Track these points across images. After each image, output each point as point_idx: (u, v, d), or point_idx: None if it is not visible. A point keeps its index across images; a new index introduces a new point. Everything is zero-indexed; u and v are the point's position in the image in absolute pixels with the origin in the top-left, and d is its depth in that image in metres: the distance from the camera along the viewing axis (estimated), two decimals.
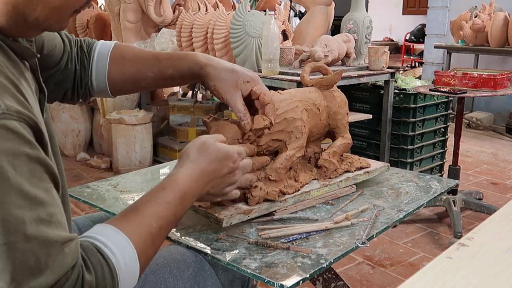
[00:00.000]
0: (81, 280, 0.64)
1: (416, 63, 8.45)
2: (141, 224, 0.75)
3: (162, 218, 0.77)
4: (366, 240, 0.92)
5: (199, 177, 0.84)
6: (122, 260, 0.69)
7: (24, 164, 0.60)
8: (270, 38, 2.19)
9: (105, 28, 3.79)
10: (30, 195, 0.60)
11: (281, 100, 1.05)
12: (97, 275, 0.66)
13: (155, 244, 0.77)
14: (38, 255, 0.59)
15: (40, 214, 0.61)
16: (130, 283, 0.72)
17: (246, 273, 0.82)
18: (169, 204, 0.79)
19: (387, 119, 2.62)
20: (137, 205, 0.78)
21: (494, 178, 3.50)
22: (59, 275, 0.61)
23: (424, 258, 2.30)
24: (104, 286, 0.66)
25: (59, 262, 0.61)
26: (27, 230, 0.59)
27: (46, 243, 0.61)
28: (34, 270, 0.59)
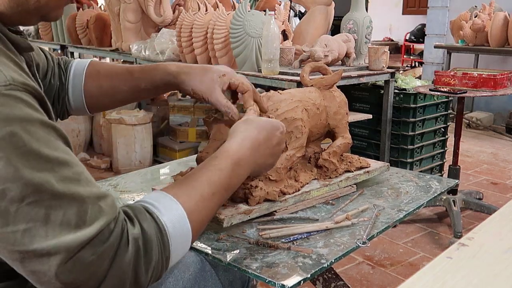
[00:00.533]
0: (127, 234, 0.64)
1: (416, 63, 8.45)
2: (192, 189, 0.76)
3: (214, 183, 0.78)
4: (366, 240, 0.92)
5: (250, 145, 0.85)
6: (169, 218, 0.70)
7: (38, 129, 0.60)
8: (270, 38, 2.19)
9: (105, 28, 3.78)
10: (51, 157, 0.60)
11: (281, 100, 1.05)
12: (144, 231, 0.66)
13: (208, 208, 0.77)
14: (70, 211, 0.60)
15: (66, 173, 0.61)
16: (181, 243, 0.72)
17: (247, 273, 0.82)
18: (222, 171, 0.79)
19: (387, 119, 2.62)
20: (189, 173, 0.79)
21: (494, 178, 3.50)
22: (98, 228, 0.61)
23: (424, 258, 2.30)
24: (152, 240, 0.66)
25: (96, 216, 0.62)
26: (54, 188, 0.59)
27: (78, 199, 0.61)
28: (68, 224, 0.59)
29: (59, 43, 4.54)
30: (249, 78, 2.41)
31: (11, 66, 0.63)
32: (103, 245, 0.61)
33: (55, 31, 4.52)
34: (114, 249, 0.62)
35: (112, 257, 0.62)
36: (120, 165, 3.41)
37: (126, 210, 0.68)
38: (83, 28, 3.95)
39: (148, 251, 0.66)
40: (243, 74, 2.42)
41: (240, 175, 0.83)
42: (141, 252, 0.65)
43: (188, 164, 1.43)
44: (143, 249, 0.65)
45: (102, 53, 3.96)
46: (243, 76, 1.01)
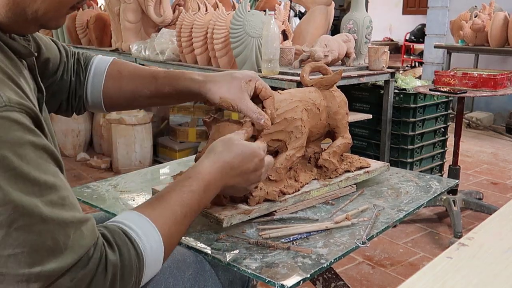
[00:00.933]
0: (105, 259, 0.65)
1: (416, 63, 8.45)
2: (166, 211, 0.76)
3: (186, 205, 0.78)
4: (366, 240, 0.92)
5: (223, 169, 0.85)
6: (148, 243, 0.71)
7: (30, 152, 0.60)
8: (270, 38, 2.19)
9: (105, 28, 3.78)
10: (40, 181, 0.60)
11: (281, 100, 1.05)
12: (123, 256, 0.67)
13: (180, 231, 0.78)
14: (55, 236, 0.60)
15: (52, 198, 0.61)
16: (154, 267, 0.73)
17: (246, 273, 0.82)
18: (193, 192, 0.80)
19: (387, 119, 2.62)
20: (162, 193, 0.79)
21: (494, 178, 3.50)
22: (79, 254, 0.62)
23: (424, 258, 2.30)
24: (130, 266, 0.67)
25: (78, 242, 0.62)
26: (41, 213, 0.59)
27: (62, 224, 0.61)
28: (53, 251, 0.60)
29: None
30: None
31: (8, 84, 0.63)
32: (81, 271, 0.62)
33: (55, 31, 4.51)
34: (91, 275, 0.63)
35: (88, 282, 0.63)
36: (120, 165, 3.41)
37: (105, 233, 0.68)
38: (83, 28, 3.95)
39: (125, 277, 0.67)
40: None
41: (209, 197, 0.84)
42: (118, 279, 0.66)
43: (188, 164, 1.43)
44: (120, 275, 0.66)
45: (102, 53, 3.95)
46: (265, 83, 1.00)
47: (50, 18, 0.71)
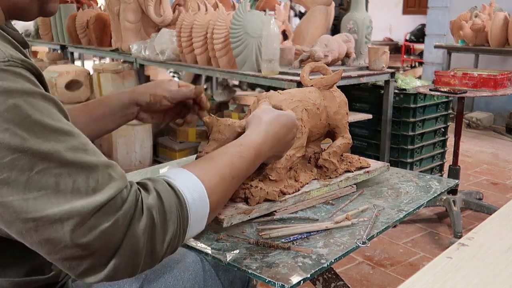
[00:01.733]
0: (141, 203, 0.64)
1: (416, 63, 8.44)
2: (214, 169, 0.76)
3: (236, 168, 0.79)
4: (366, 240, 0.92)
5: (273, 140, 0.89)
6: (191, 195, 0.70)
7: (40, 101, 0.60)
8: (270, 38, 2.19)
9: (105, 28, 3.78)
10: (56, 128, 0.60)
11: (281, 100, 1.05)
12: (162, 201, 0.66)
13: (226, 191, 0.78)
14: (80, 178, 0.60)
15: (73, 143, 0.61)
16: (200, 221, 0.72)
17: (247, 273, 0.82)
18: (244, 158, 0.81)
19: (387, 119, 2.62)
20: (212, 155, 0.80)
21: (494, 178, 3.50)
22: (110, 194, 0.61)
23: (424, 258, 2.30)
24: (171, 212, 0.66)
25: (107, 183, 0.62)
26: (62, 157, 0.59)
27: (88, 168, 0.61)
28: (79, 192, 0.59)
29: (59, 43, 4.54)
30: (249, 78, 2.42)
31: (12, 43, 0.64)
32: (116, 212, 0.61)
33: (55, 31, 4.52)
34: (128, 217, 0.62)
35: (127, 225, 0.61)
36: (120, 165, 3.36)
37: (145, 182, 0.68)
38: (83, 28, 3.95)
39: (166, 222, 0.65)
40: (243, 74, 2.42)
41: (256, 165, 0.87)
42: (157, 223, 0.64)
43: None
44: (161, 220, 0.65)
45: (102, 53, 3.96)
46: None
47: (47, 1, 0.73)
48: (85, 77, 3.67)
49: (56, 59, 4.56)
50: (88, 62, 6.78)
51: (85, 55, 6.16)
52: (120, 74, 3.43)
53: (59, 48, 4.65)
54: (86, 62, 6.36)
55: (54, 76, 3.57)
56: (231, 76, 2.57)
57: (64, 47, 4.53)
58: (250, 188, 0.99)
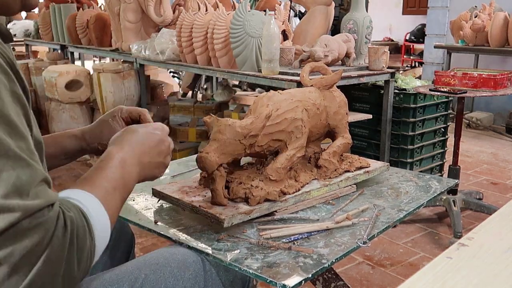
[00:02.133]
0: (63, 215, 0.63)
1: (416, 63, 8.44)
2: (96, 186, 0.76)
3: (111, 180, 0.79)
4: (367, 239, 0.92)
5: (130, 145, 0.87)
6: (90, 207, 0.70)
7: (7, 95, 0.59)
8: (270, 38, 2.19)
9: (105, 28, 3.78)
10: (13, 123, 0.59)
11: (281, 100, 1.05)
12: (75, 215, 0.66)
13: (114, 202, 0.78)
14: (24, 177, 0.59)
15: (22, 145, 0.60)
16: (103, 231, 0.72)
17: (248, 273, 0.82)
18: (112, 168, 0.81)
19: (387, 119, 2.62)
20: (84, 176, 0.79)
21: (494, 178, 3.50)
22: (44, 202, 0.60)
23: (424, 258, 2.30)
24: (83, 227, 0.66)
25: (43, 191, 0.61)
26: (11, 148, 0.58)
27: (31, 169, 0.60)
28: (20, 189, 0.58)
29: (59, 43, 4.54)
30: (249, 78, 2.42)
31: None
32: (42, 218, 0.60)
33: (55, 31, 4.52)
34: (53, 227, 0.61)
35: (50, 235, 0.60)
36: None
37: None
38: (83, 28, 3.95)
39: (80, 237, 0.65)
40: (243, 74, 2.42)
41: (132, 172, 0.85)
42: (75, 236, 0.64)
43: (188, 164, 1.43)
44: (76, 233, 0.64)
45: (102, 53, 3.96)
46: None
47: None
48: (85, 77, 3.68)
49: (56, 59, 4.56)
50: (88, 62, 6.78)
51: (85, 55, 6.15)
52: (120, 74, 3.43)
53: (59, 48, 4.65)
54: (86, 62, 6.36)
55: (54, 76, 3.57)
56: (231, 76, 2.57)
57: (64, 47, 4.53)
58: (251, 188, 0.99)
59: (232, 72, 2.51)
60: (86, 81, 3.67)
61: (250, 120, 0.99)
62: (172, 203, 1.08)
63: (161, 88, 4.26)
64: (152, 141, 0.90)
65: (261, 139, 1.01)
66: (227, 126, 0.97)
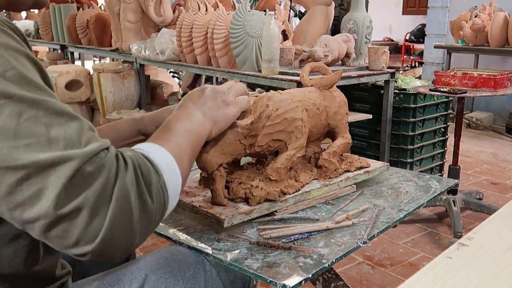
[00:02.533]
0: (121, 155, 0.63)
1: (416, 63, 8.45)
2: (170, 139, 0.76)
3: (191, 140, 0.80)
4: (367, 239, 0.92)
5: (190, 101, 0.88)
6: (159, 157, 0.70)
7: (25, 61, 0.60)
8: (270, 38, 2.19)
9: (105, 28, 3.78)
10: (40, 85, 0.60)
11: (281, 100, 1.05)
12: (137, 156, 0.66)
13: (189, 161, 0.78)
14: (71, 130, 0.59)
15: (57, 102, 0.60)
16: (172, 170, 0.71)
17: (248, 273, 0.82)
18: (178, 116, 0.82)
19: (387, 119, 2.63)
20: (163, 127, 0.80)
21: (494, 178, 3.50)
22: (98, 146, 0.61)
23: (424, 258, 2.30)
24: (145, 165, 0.65)
25: (92, 138, 0.62)
26: (51, 106, 0.59)
27: (76, 120, 0.61)
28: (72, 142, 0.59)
29: (59, 43, 4.54)
30: (249, 78, 2.42)
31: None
32: (102, 160, 0.60)
33: (55, 31, 4.52)
34: (115, 166, 0.61)
35: (115, 173, 0.61)
36: None
37: (119, 151, 0.67)
38: (83, 28, 3.95)
39: (145, 173, 0.65)
40: (243, 74, 2.42)
41: (196, 121, 0.85)
42: (139, 173, 0.64)
43: None
44: (140, 171, 0.64)
45: (102, 53, 3.96)
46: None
47: None
48: (85, 77, 3.67)
49: (56, 59, 4.56)
50: (88, 62, 6.78)
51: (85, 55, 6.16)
52: (120, 74, 3.43)
53: (59, 48, 4.65)
54: (86, 62, 6.36)
55: (54, 76, 3.57)
56: (231, 76, 2.57)
57: (64, 47, 4.53)
58: (251, 188, 0.99)
59: (232, 72, 2.51)
60: (86, 81, 3.67)
61: (250, 120, 0.99)
62: None
63: (161, 88, 4.26)
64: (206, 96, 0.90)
65: (261, 139, 1.01)
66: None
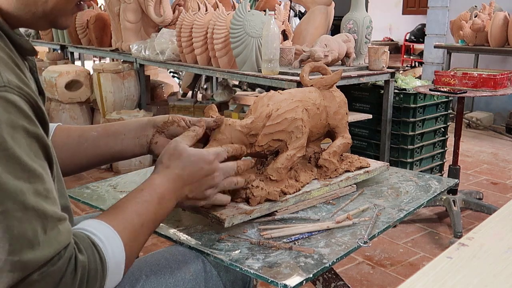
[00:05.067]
0: (74, 260, 0.64)
1: (416, 63, 8.45)
2: (124, 219, 0.76)
3: (142, 215, 0.79)
4: (368, 239, 0.92)
5: (174, 180, 0.85)
6: (110, 248, 0.71)
7: (22, 137, 0.60)
8: (270, 38, 2.19)
9: (105, 28, 3.79)
10: (29, 168, 0.60)
11: (281, 100, 1.05)
12: (88, 258, 0.67)
13: (138, 240, 0.78)
14: (35, 227, 0.60)
15: (38, 187, 0.61)
16: (117, 274, 0.73)
17: (249, 273, 0.82)
18: (148, 202, 0.80)
19: (387, 119, 2.63)
20: (117, 204, 0.80)
21: (494, 178, 3.50)
22: (55, 250, 0.61)
23: (424, 258, 2.30)
24: (95, 270, 0.67)
25: (55, 237, 0.62)
26: (25, 200, 0.59)
27: (43, 216, 0.61)
28: (31, 242, 0.59)
29: (59, 43, 4.54)
30: (249, 78, 2.42)
31: (11, 66, 0.63)
32: (51, 268, 0.61)
33: (55, 31, 4.52)
34: (61, 274, 0.62)
35: (58, 281, 0.62)
36: (120, 165, 3.41)
37: (73, 237, 0.68)
38: (83, 28, 3.96)
39: (90, 281, 0.66)
40: (243, 74, 2.42)
41: (166, 208, 0.84)
42: (85, 281, 0.65)
43: None
44: (86, 278, 0.65)
45: (102, 53, 3.96)
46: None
47: (59, 12, 0.72)
48: (85, 77, 3.68)
49: (56, 59, 4.56)
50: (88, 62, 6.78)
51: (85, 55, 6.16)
52: (120, 74, 3.43)
53: (59, 48, 4.65)
54: (86, 62, 6.36)
55: (54, 76, 3.57)
56: (231, 76, 2.57)
57: (64, 47, 4.53)
58: (251, 188, 0.99)
59: (232, 72, 2.52)
60: (86, 81, 3.67)
61: (250, 119, 0.99)
62: None
63: (161, 88, 4.26)
64: (198, 176, 0.87)
65: (261, 139, 1.01)
66: (227, 126, 0.97)
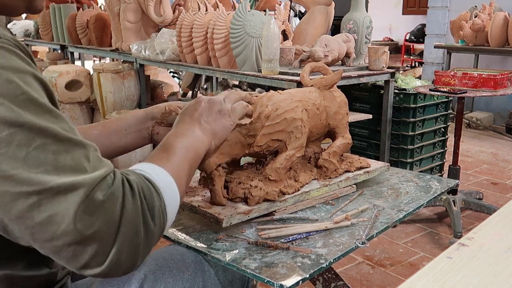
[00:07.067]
0: (127, 181, 0.64)
1: (416, 63, 8.44)
2: (176, 162, 0.77)
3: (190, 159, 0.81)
4: (366, 240, 0.92)
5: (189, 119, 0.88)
6: (153, 172, 0.71)
7: (33, 81, 0.61)
8: (270, 38, 2.19)
9: (105, 28, 3.78)
10: (48, 108, 0.61)
11: (281, 100, 1.05)
12: (137, 178, 0.67)
13: (187, 181, 0.80)
14: (75, 156, 0.60)
15: (64, 125, 0.61)
16: (172, 190, 0.72)
17: (246, 273, 0.82)
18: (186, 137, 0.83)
19: (387, 119, 2.62)
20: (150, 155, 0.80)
21: (494, 178, 3.50)
22: (105, 171, 0.62)
23: (424, 258, 2.30)
24: (148, 187, 0.67)
25: (99, 162, 0.63)
26: (57, 134, 0.60)
27: (81, 145, 0.62)
28: (79, 168, 0.60)
29: (59, 43, 4.54)
30: (249, 78, 2.42)
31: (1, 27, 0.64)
32: (110, 187, 0.61)
33: (55, 31, 4.52)
34: (121, 192, 0.62)
35: (122, 200, 0.62)
36: (120, 165, 3.41)
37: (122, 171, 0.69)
38: (83, 28, 3.95)
39: (148, 198, 0.66)
40: (243, 74, 2.42)
41: (199, 136, 0.86)
42: (143, 198, 0.65)
43: None
44: (144, 195, 0.65)
45: (102, 53, 3.96)
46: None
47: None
48: (85, 77, 3.67)
49: (56, 59, 4.56)
50: (88, 62, 6.78)
51: (85, 55, 6.16)
52: (120, 74, 3.43)
53: (59, 48, 4.65)
54: (86, 62, 6.37)
55: (54, 76, 3.57)
56: (231, 76, 2.57)
57: (64, 47, 4.53)
58: (250, 188, 0.99)
59: (232, 72, 2.51)
60: (86, 81, 3.67)
61: (249, 120, 0.99)
62: None
63: (161, 88, 4.26)
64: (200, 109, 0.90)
65: (261, 139, 1.01)
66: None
